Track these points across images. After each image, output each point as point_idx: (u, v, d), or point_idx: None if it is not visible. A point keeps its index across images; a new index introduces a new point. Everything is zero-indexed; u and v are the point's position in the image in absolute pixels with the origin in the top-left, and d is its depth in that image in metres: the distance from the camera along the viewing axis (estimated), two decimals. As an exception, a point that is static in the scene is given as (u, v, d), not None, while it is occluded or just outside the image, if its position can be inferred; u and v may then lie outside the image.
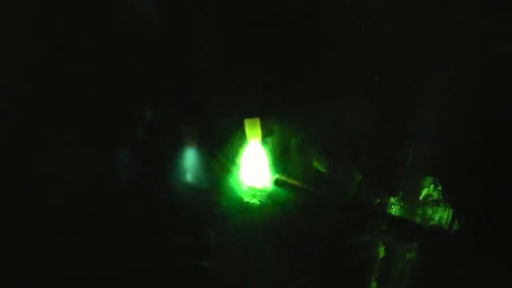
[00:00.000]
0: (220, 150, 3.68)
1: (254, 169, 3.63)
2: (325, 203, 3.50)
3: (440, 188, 3.38)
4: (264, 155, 3.63)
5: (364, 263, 3.43)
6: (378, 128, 3.56)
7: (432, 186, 3.40)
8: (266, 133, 3.68)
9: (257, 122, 3.60)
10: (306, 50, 3.66)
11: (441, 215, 3.33)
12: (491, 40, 3.33)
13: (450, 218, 3.32)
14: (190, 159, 3.67)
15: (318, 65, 3.62)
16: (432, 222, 3.36)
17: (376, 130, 3.56)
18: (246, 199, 3.64)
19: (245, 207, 3.63)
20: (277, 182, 3.59)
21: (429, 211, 3.37)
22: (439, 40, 3.45)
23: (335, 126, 3.62)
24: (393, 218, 3.44)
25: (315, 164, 3.65)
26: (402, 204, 3.45)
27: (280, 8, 3.66)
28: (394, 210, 3.46)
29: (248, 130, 3.59)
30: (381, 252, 3.44)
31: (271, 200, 3.59)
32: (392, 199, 3.47)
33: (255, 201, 3.62)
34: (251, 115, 3.62)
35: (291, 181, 3.56)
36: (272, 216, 3.59)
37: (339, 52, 3.57)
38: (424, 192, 3.41)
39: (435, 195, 3.38)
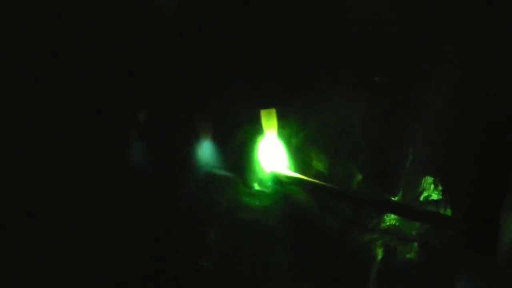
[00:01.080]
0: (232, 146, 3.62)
1: (271, 160, 3.55)
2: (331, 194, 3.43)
3: (440, 188, 3.38)
4: (280, 146, 3.57)
5: (364, 263, 3.43)
6: (378, 128, 3.56)
7: (432, 186, 3.40)
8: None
9: (273, 112, 3.51)
10: (306, 50, 3.65)
11: (441, 216, 3.33)
12: (492, 40, 3.32)
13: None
14: (200, 155, 3.61)
15: (318, 64, 3.62)
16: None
17: (376, 130, 3.56)
18: (247, 199, 3.64)
19: (246, 207, 3.63)
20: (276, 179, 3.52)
21: (429, 212, 3.37)
22: (439, 40, 3.44)
23: (335, 126, 3.62)
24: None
25: (315, 164, 3.65)
26: (402, 204, 3.45)
27: (282, 6, 3.65)
28: (394, 210, 3.46)
29: (264, 121, 3.51)
30: (381, 252, 3.44)
31: (272, 201, 3.60)
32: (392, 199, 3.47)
33: (256, 201, 3.62)
34: (252, 114, 3.59)
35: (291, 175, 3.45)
36: (272, 217, 3.60)
37: (340, 52, 3.57)
38: (424, 192, 3.41)
39: (435, 195, 3.38)
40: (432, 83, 3.44)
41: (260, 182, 3.69)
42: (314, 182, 3.43)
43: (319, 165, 3.64)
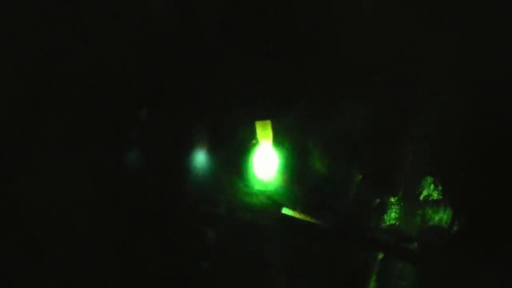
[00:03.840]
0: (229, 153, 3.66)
1: (265, 170, 3.61)
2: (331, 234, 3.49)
3: (440, 188, 3.38)
4: (275, 157, 3.62)
5: (364, 263, 3.44)
6: (379, 128, 3.56)
7: (432, 186, 3.40)
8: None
9: (268, 124, 3.62)
10: (308, 52, 3.65)
11: (441, 216, 3.34)
12: (492, 40, 3.33)
13: (450, 218, 3.33)
14: (196, 160, 3.66)
15: (319, 66, 3.62)
16: (432, 223, 3.37)
17: (376, 130, 3.56)
18: (247, 199, 3.64)
19: (246, 207, 3.63)
20: (283, 217, 3.58)
21: (429, 212, 3.37)
22: (439, 40, 3.45)
23: (335, 126, 3.62)
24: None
25: (316, 164, 3.65)
26: (402, 204, 3.45)
27: (284, 9, 3.65)
28: (394, 210, 3.46)
29: (259, 132, 3.62)
30: (381, 252, 3.45)
31: (272, 201, 3.60)
32: (392, 199, 3.47)
33: (256, 201, 3.62)
34: (254, 117, 3.61)
35: (297, 215, 3.55)
36: (272, 217, 3.60)
37: (340, 53, 3.57)
38: (424, 192, 3.41)
39: (435, 195, 3.39)
40: (432, 84, 3.45)
41: (254, 194, 3.69)
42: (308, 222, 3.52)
43: (319, 165, 3.64)
